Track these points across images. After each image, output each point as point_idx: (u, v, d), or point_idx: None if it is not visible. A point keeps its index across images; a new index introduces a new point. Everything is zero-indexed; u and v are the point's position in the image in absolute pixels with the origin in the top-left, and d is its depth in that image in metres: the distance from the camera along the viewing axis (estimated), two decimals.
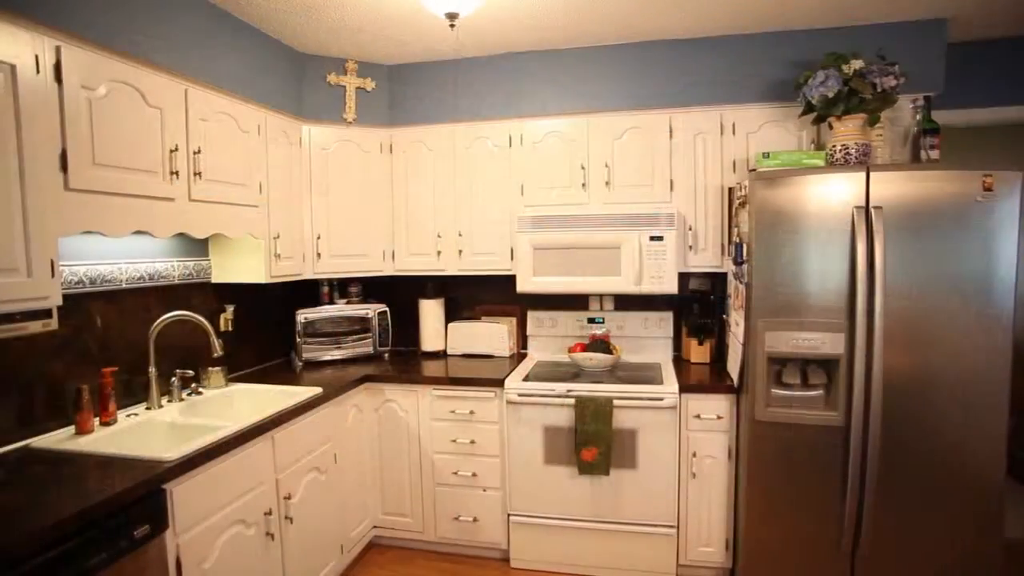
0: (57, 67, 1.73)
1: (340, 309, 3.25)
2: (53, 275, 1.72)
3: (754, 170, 2.46)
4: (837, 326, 2.29)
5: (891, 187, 2.22)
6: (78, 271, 2.15)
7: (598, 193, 3.02)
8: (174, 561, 1.75)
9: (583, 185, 3.03)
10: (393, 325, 3.43)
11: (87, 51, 1.84)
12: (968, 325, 2.20)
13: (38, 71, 1.68)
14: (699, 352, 3.08)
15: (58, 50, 1.74)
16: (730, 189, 2.86)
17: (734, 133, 2.85)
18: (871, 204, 2.23)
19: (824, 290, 2.29)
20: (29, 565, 1.34)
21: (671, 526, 2.70)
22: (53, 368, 2.06)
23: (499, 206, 3.15)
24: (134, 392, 2.36)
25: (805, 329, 2.32)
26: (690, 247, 2.94)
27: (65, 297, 1.91)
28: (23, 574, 1.32)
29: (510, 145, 3.12)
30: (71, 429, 2.04)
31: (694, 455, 2.66)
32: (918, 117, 2.57)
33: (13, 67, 1.61)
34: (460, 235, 3.21)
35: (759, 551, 2.45)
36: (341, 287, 3.44)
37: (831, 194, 2.27)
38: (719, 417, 2.63)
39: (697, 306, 3.14)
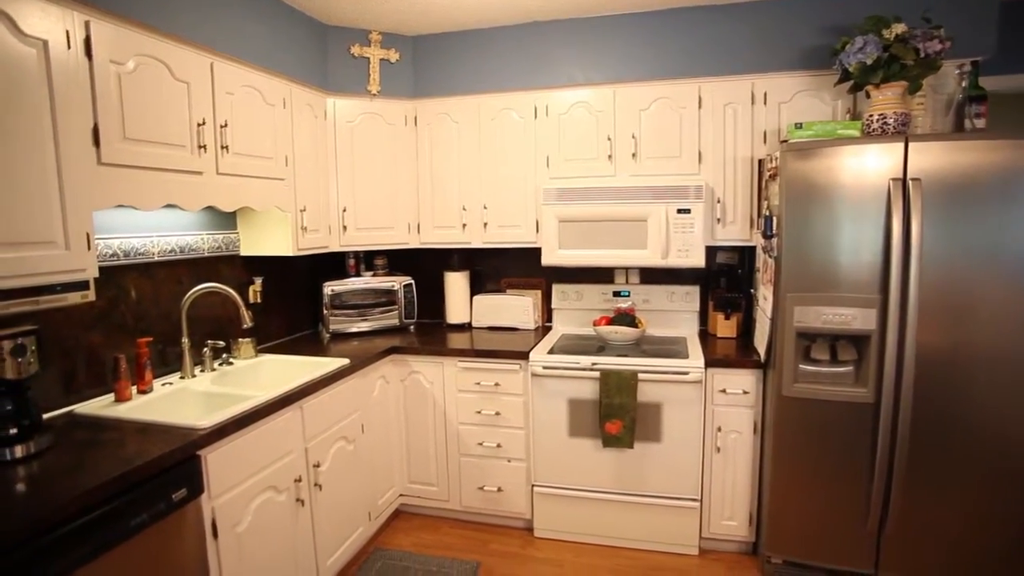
0: (87, 42, 1.75)
1: (366, 281, 3.28)
2: (89, 248, 1.77)
3: (785, 141, 2.39)
4: (869, 301, 2.24)
5: (931, 158, 2.14)
6: (112, 244, 2.21)
7: (625, 165, 2.97)
8: (210, 524, 1.82)
9: (609, 157, 2.98)
10: (418, 297, 3.46)
11: (115, 25, 1.85)
12: (1010, 302, 2.12)
13: (69, 46, 1.70)
14: (725, 326, 3.04)
15: (87, 25, 1.75)
16: (760, 161, 2.78)
17: (765, 103, 2.76)
18: (909, 176, 2.15)
19: (856, 265, 2.24)
20: (78, 523, 1.41)
21: (695, 499, 2.71)
22: (92, 338, 2.13)
23: (524, 178, 3.12)
24: (168, 361, 2.43)
25: (835, 304, 2.28)
26: (718, 220, 2.89)
27: (101, 270, 1.96)
28: (72, 531, 1.39)
29: (535, 116, 3.08)
30: (110, 397, 2.12)
31: (719, 430, 2.65)
32: (964, 84, 2.44)
33: (45, 43, 1.63)
34: (485, 208, 3.20)
35: (783, 527, 2.45)
36: (367, 259, 3.48)
37: (866, 166, 2.19)
38: (745, 392, 2.61)
39: (724, 280, 3.09)
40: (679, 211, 2.82)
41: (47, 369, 1.95)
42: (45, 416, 1.91)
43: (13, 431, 1.64)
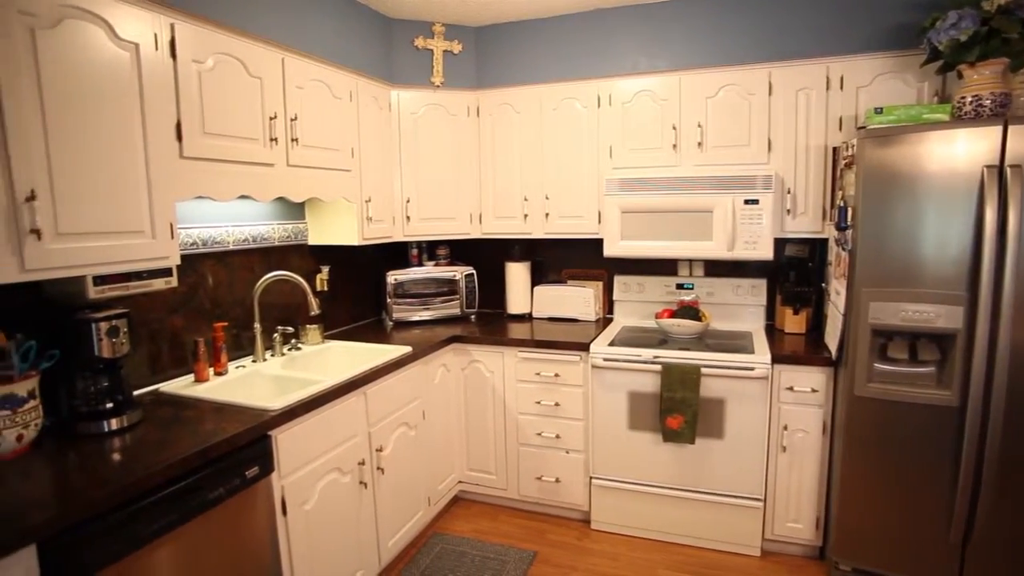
0: (172, 43, 1.85)
1: (428, 271, 3.34)
2: (172, 237, 1.88)
3: (863, 127, 2.26)
4: (955, 298, 2.09)
5: None
6: (192, 233, 2.33)
7: (690, 154, 2.89)
8: (279, 501, 1.90)
9: (674, 146, 2.91)
10: (480, 287, 3.49)
11: (196, 26, 1.95)
12: None
13: (156, 48, 1.80)
14: (794, 322, 2.92)
15: (172, 27, 1.85)
16: (835, 149, 2.65)
17: (842, 88, 2.62)
18: (1007, 162, 1.99)
19: (941, 259, 2.10)
20: (165, 492, 1.52)
21: (758, 499, 2.63)
22: (174, 322, 2.26)
23: (586, 168, 3.09)
24: (241, 346, 2.56)
25: (916, 300, 2.14)
26: (788, 211, 2.77)
27: (182, 257, 2.08)
28: (160, 499, 1.50)
29: (598, 106, 3.03)
30: (190, 377, 2.25)
31: (785, 428, 2.56)
32: None
33: (137, 46, 1.74)
34: (547, 198, 3.19)
35: (853, 533, 2.34)
36: (429, 249, 3.54)
37: (956, 152, 2.04)
38: (814, 390, 2.51)
39: (793, 273, 2.97)
40: (746, 202, 2.72)
41: (136, 350, 2.09)
42: (135, 393, 2.05)
43: (109, 405, 1.78)
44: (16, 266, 1.46)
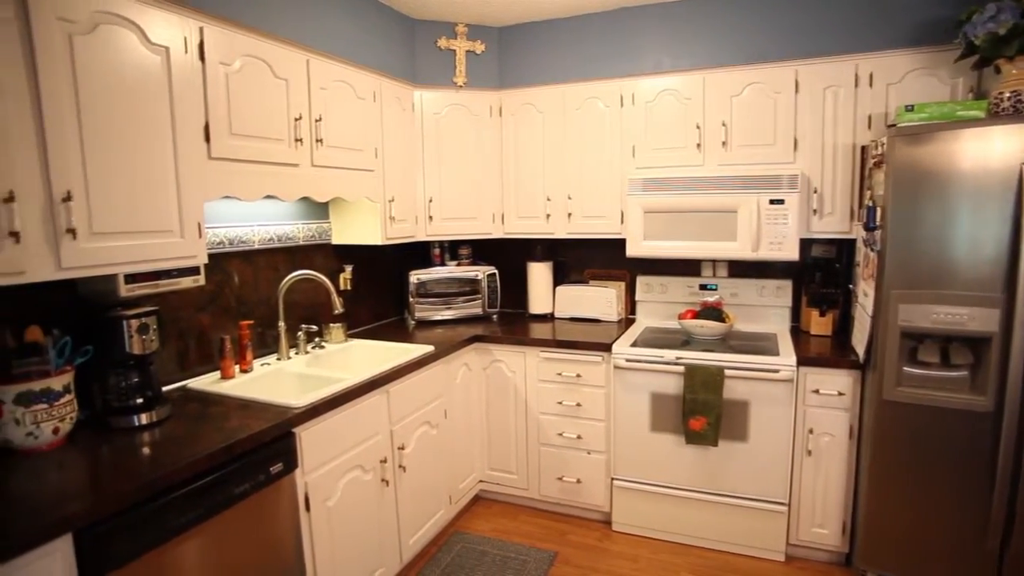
0: (201, 46, 1.89)
1: (451, 271, 3.35)
2: (200, 236, 1.91)
3: (894, 125, 2.21)
4: (990, 300, 2.04)
5: None
6: (219, 233, 2.37)
7: (714, 154, 2.86)
8: (303, 497, 1.93)
9: (698, 146, 2.88)
10: (502, 287, 3.50)
11: (224, 29, 1.98)
12: None
13: (186, 51, 1.83)
14: (820, 324, 2.87)
15: (201, 30, 1.89)
16: (863, 148, 2.60)
17: (871, 85, 2.57)
18: None
19: (975, 260, 2.04)
20: (192, 487, 1.55)
21: (782, 503, 2.59)
22: (201, 319, 2.30)
23: (609, 168, 3.08)
24: (266, 344, 2.60)
25: (948, 303, 2.09)
26: (814, 211, 2.72)
27: (209, 257, 2.11)
28: (188, 493, 1.53)
29: (621, 105, 3.02)
30: (217, 374, 2.29)
31: (810, 432, 2.52)
32: None
33: (167, 49, 1.77)
34: (569, 198, 3.18)
35: (881, 539, 2.29)
36: (452, 249, 3.55)
37: (992, 150, 1.99)
38: (840, 393, 2.46)
39: (820, 274, 2.92)
40: (772, 202, 2.68)
41: (165, 347, 2.14)
42: (163, 389, 2.09)
43: (139, 401, 1.83)
44: (53, 264, 1.50)
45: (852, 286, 2.77)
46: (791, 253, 2.68)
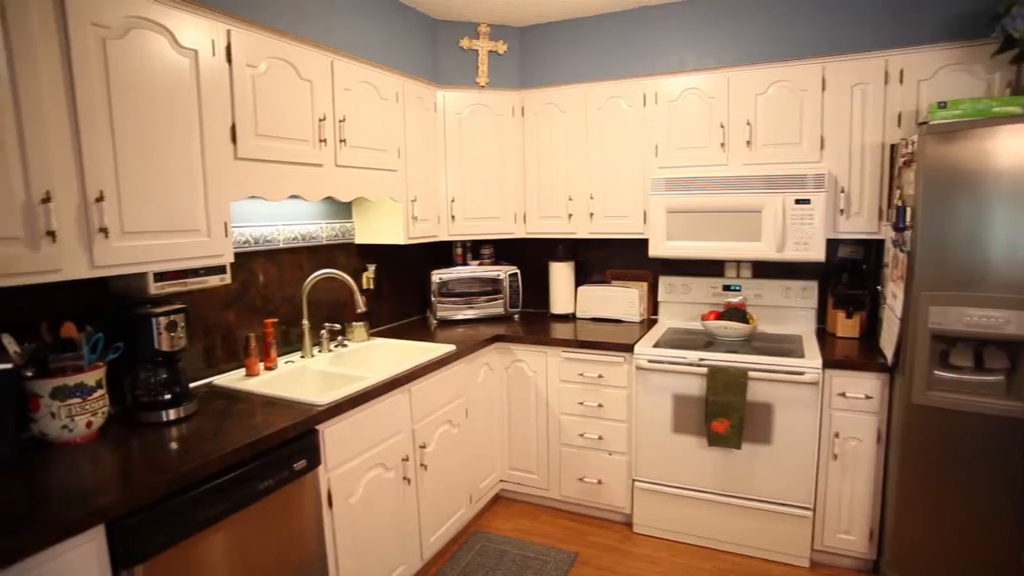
0: (228, 49, 1.92)
1: (473, 270, 3.36)
2: (226, 235, 1.94)
3: (925, 123, 2.16)
4: None
5: None
6: (245, 232, 2.41)
7: (738, 153, 2.82)
8: (326, 494, 1.95)
9: (722, 145, 2.85)
10: (523, 287, 3.50)
11: (251, 32, 2.01)
12: None
13: (214, 54, 1.87)
14: (847, 326, 2.82)
15: (228, 33, 1.92)
16: (893, 146, 2.54)
17: (901, 81, 2.51)
18: None
19: (1012, 261, 1.99)
20: (219, 481, 1.57)
21: (807, 508, 2.55)
22: (227, 317, 2.34)
23: (632, 168, 3.06)
24: (290, 341, 2.63)
25: (983, 305, 2.04)
26: (841, 211, 2.67)
27: (235, 255, 2.15)
28: (214, 489, 1.56)
29: (644, 104, 3.00)
30: (242, 371, 2.33)
31: (836, 436, 2.47)
32: None
33: (196, 52, 1.81)
34: (591, 198, 3.17)
35: (911, 548, 2.24)
36: (474, 249, 3.56)
37: None
38: (868, 397, 2.41)
39: (846, 275, 2.87)
40: (797, 201, 2.64)
41: (192, 344, 2.18)
42: (191, 385, 2.13)
43: (167, 396, 1.86)
44: (87, 263, 1.55)
45: (880, 287, 2.72)
46: (817, 254, 2.64)
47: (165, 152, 1.73)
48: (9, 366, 1.53)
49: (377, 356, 2.82)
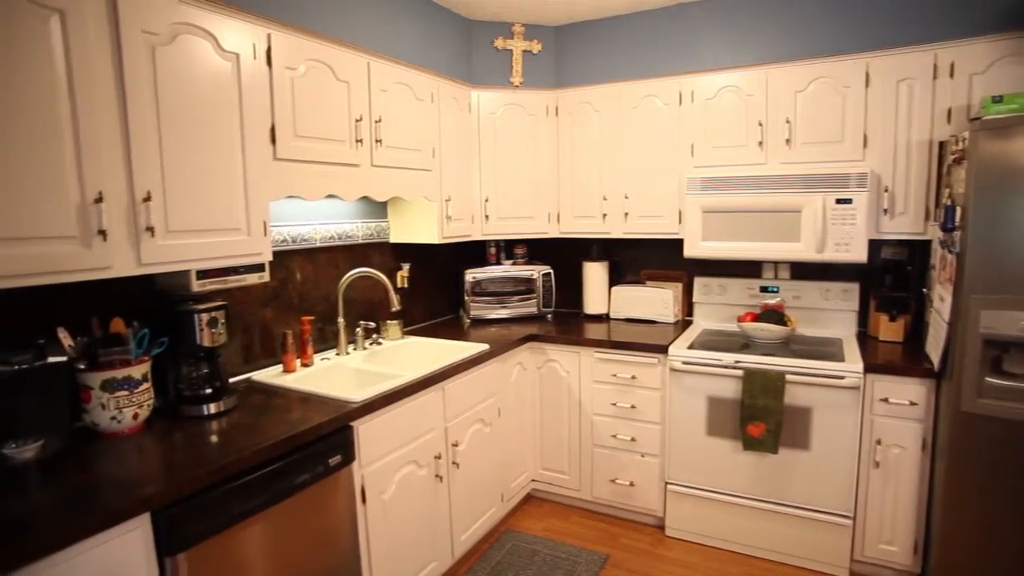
0: (268, 52, 1.97)
1: (506, 270, 3.37)
2: (266, 234, 1.99)
3: (977, 118, 2.08)
4: None
5: None
6: (283, 231, 2.46)
7: (777, 152, 2.76)
8: (359, 489, 1.98)
9: (760, 143, 2.79)
10: (557, 287, 3.49)
11: (290, 35, 2.06)
12: None
13: (254, 57, 1.92)
14: (890, 329, 2.73)
15: (269, 37, 1.96)
16: (941, 143, 2.45)
17: (952, 76, 2.42)
18: None
19: None
20: (255, 475, 1.61)
21: (846, 516, 2.48)
22: (265, 315, 2.40)
23: (667, 167, 3.02)
24: (326, 339, 2.68)
25: None
26: (885, 211, 2.59)
27: (273, 254, 2.20)
28: (252, 481, 1.60)
29: (680, 103, 2.96)
30: (279, 367, 2.38)
31: (878, 442, 2.40)
32: None
33: (237, 56, 1.86)
34: (626, 197, 3.15)
35: (959, 562, 2.16)
36: (507, 248, 3.57)
37: None
38: (912, 403, 2.33)
39: (890, 277, 2.78)
40: (838, 201, 2.57)
41: (231, 340, 2.24)
42: (230, 380, 2.19)
43: (208, 391, 1.92)
44: (134, 260, 1.60)
45: (926, 290, 2.62)
46: (859, 255, 2.56)
47: (208, 154, 1.78)
48: (64, 359, 1.60)
49: (411, 354, 2.85)
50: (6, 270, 1.35)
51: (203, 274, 1.85)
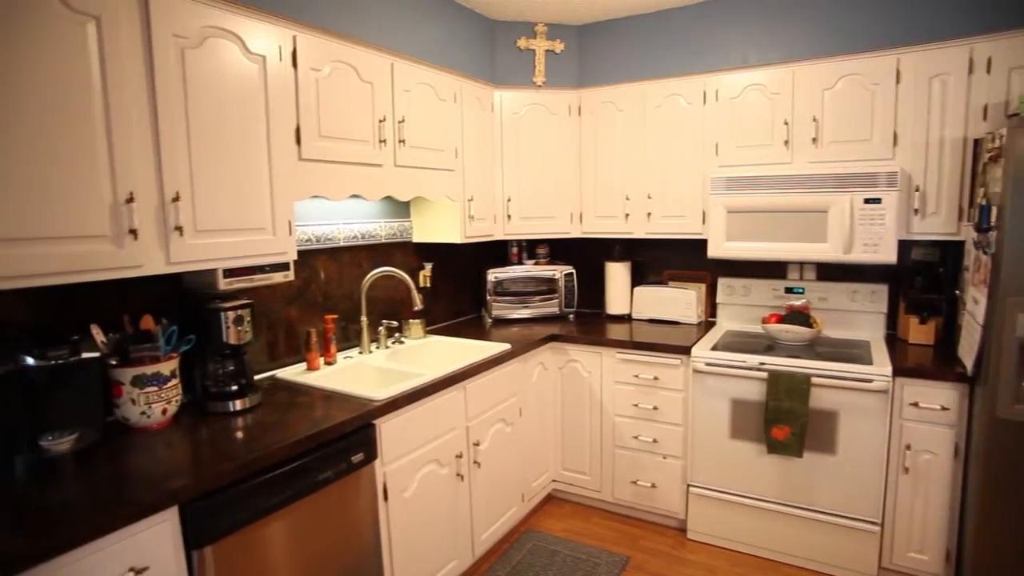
0: (294, 54, 1.99)
1: (528, 270, 3.37)
2: (290, 233, 2.02)
3: (1016, 115, 2.02)
4: None
5: None
6: (307, 231, 2.49)
7: (803, 151, 2.72)
8: (381, 487, 2.00)
9: (785, 142, 2.75)
10: (579, 287, 3.48)
11: (315, 37, 2.08)
12: None
13: (280, 59, 1.94)
14: (920, 332, 2.67)
15: (294, 39, 1.99)
16: (976, 141, 2.39)
17: (988, 71, 2.35)
18: None
19: None
20: (280, 471, 1.64)
21: (874, 523, 2.43)
22: (290, 313, 2.43)
23: (690, 167, 2.99)
24: (349, 337, 2.71)
25: None
26: (915, 211, 2.53)
27: (297, 253, 2.23)
28: (276, 477, 1.62)
29: (704, 102, 2.93)
30: (303, 365, 2.41)
31: (908, 448, 2.34)
32: None
33: (264, 58, 1.89)
34: (649, 197, 3.12)
35: (996, 572, 2.10)
36: (529, 248, 3.57)
37: None
38: (944, 408, 2.28)
39: (920, 279, 2.71)
40: (867, 201, 2.52)
41: (256, 338, 2.27)
42: (255, 377, 2.23)
43: (234, 387, 1.95)
44: (163, 259, 1.64)
45: (958, 292, 2.56)
46: (888, 255, 2.51)
47: (235, 154, 1.81)
48: (97, 355, 1.64)
49: (433, 353, 2.86)
50: (43, 268, 1.39)
51: (229, 273, 1.88)
